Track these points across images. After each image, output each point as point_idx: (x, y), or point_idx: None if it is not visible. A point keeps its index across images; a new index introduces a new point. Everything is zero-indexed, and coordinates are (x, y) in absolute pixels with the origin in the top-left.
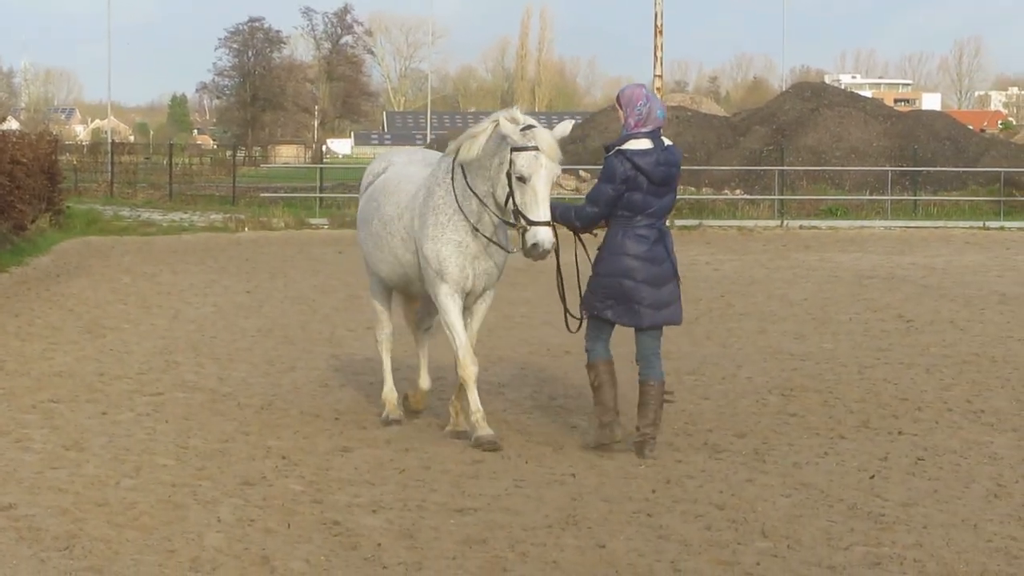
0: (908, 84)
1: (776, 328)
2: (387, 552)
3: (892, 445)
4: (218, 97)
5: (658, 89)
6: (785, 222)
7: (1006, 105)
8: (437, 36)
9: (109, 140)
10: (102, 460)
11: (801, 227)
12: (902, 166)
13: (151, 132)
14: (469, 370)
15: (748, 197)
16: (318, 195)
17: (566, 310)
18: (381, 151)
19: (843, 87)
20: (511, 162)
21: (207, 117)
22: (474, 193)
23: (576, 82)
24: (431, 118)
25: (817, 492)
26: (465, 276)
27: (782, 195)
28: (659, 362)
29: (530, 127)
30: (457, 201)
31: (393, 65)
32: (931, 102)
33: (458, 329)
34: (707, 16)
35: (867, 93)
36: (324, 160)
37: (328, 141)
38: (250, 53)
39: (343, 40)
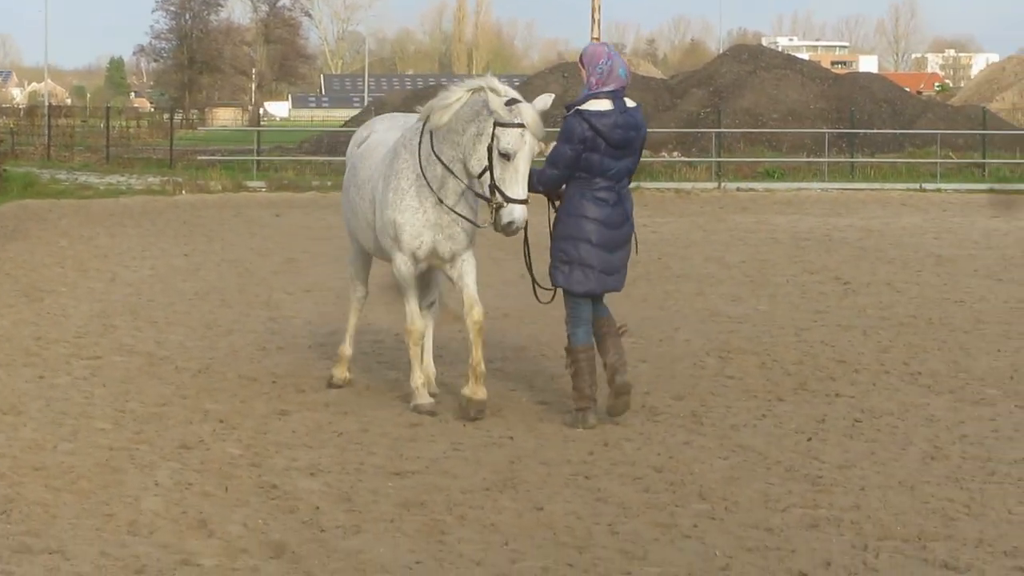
0: (845, 47)
1: (713, 290)
2: (325, 515)
3: (829, 407)
4: (155, 60)
5: None
6: (722, 184)
7: (942, 68)
8: None
9: (46, 103)
10: (39, 424)
11: (738, 189)
12: (839, 128)
13: (88, 95)
14: (415, 333)
15: (685, 159)
16: (255, 158)
17: (534, 281)
18: (318, 114)
19: (780, 50)
20: (495, 137)
21: (144, 80)
22: (439, 159)
23: (514, 45)
24: (368, 81)
25: (754, 454)
26: (419, 243)
27: (719, 157)
28: (603, 305)
29: (515, 101)
30: (421, 166)
31: (330, 28)
32: (868, 64)
33: (409, 293)
34: None
35: (804, 56)
36: (261, 123)
37: (265, 104)
38: (187, 16)
39: (280, 2)
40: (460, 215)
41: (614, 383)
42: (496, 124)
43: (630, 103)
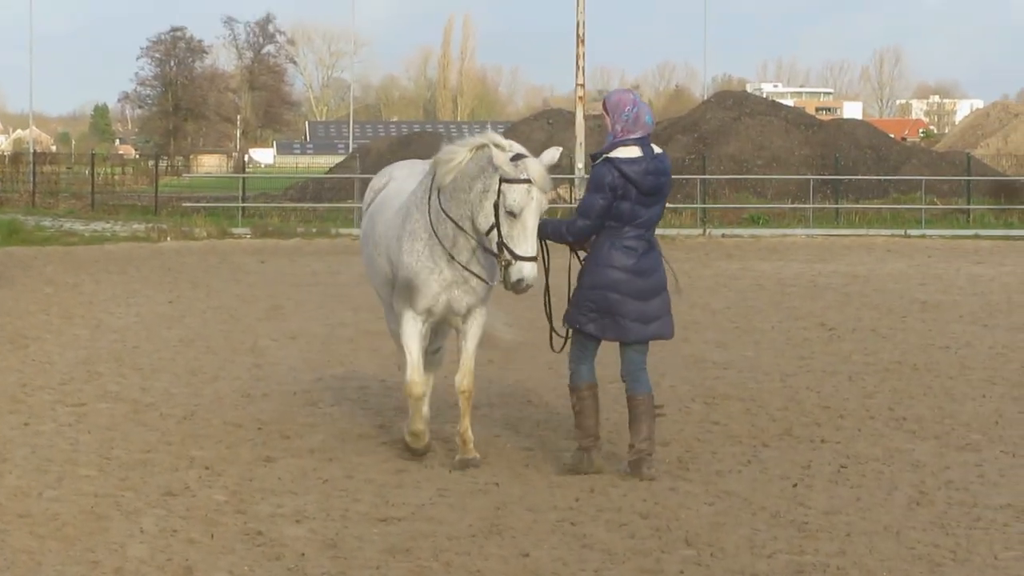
0: (829, 93)
1: (699, 336)
2: (310, 562)
3: (815, 453)
4: (140, 106)
5: (580, 98)
6: (707, 230)
7: (927, 114)
8: (359, 45)
9: (31, 150)
10: (24, 471)
11: (723, 236)
12: (824, 174)
13: (73, 142)
14: (416, 388)
15: (671, 206)
16: (240, 204)
17: (552, 328)
18: (303, 160)
19: (765, 96)
20: (501, 194)
21: (129, 127)
22: (448, 217)
23: (499, 91)
24: (354, 127)
25: (740, 500)
26: (437, 302)
27: (704, 203)
28: (646, 376)
29: (520, 156)
30: (432, 225)
31: (315, 74)
32: (852, 111)
33: (412, 350)
34: (629, 25)
35: (789, 102)
36: (246, 170)
37: (250, 151)
38: (172, 62)
39: (265, 49)
40: (473, 274)
41: (639, 471)
42: (502, 180)
43: (657, 149)
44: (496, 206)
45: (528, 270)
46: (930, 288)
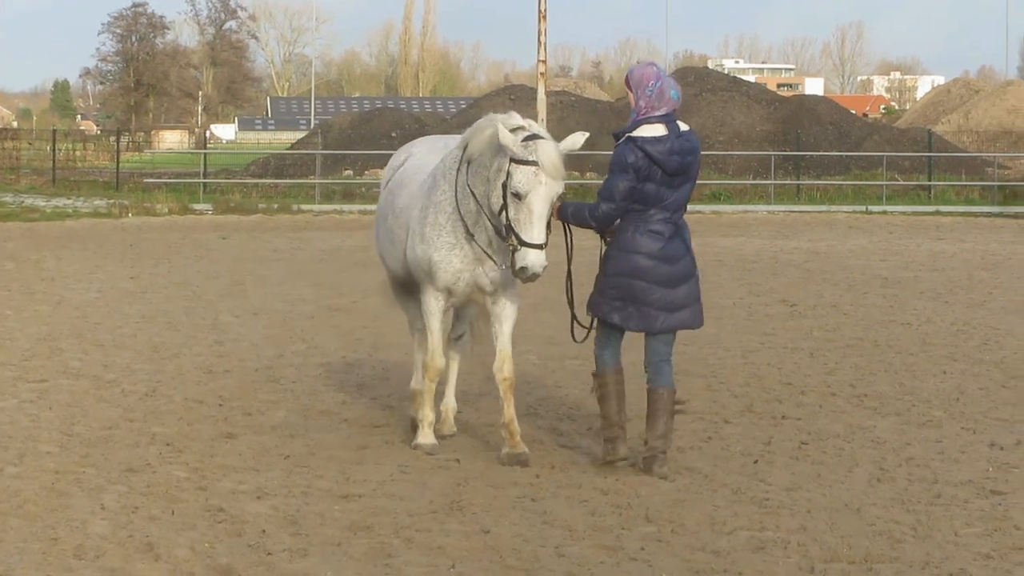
0: (791, 69)
1: None
2: (272, 538)
3: (776, 430)
4: (101, 83)
5: (542, 74)
6: None
7: (888, 90)
8: (321, 21)
9: None
10: None
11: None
12: (785, 150)
13: (34, 118)
14: (434, 362)
15: None
16: (202, 180)
17: (574, 316)
18: (265, 136)
19: (726, 72)
20: (508, 174)
21: (91, 103)
22: (472, 193)
23: (460, 67)
24: (315, 103)
25: (701, 477)
26: (458, 279)
27: None
28: (670, 369)
29: (533, 137)
30: (457, 199)
31: (277, 50)
32: (814, 87)
33: (433, 326)
34: (591, 1)
35: (750, 78)
36: (208, 145)
37: (212, 126)
38: (133, 38)
39: (227, 25)
40: (488, 256)
41: (651, 470)
42: (511, 160)
43: (683, 126)
44: (504, 186)
45: (533, 258)
46: (891, 264)
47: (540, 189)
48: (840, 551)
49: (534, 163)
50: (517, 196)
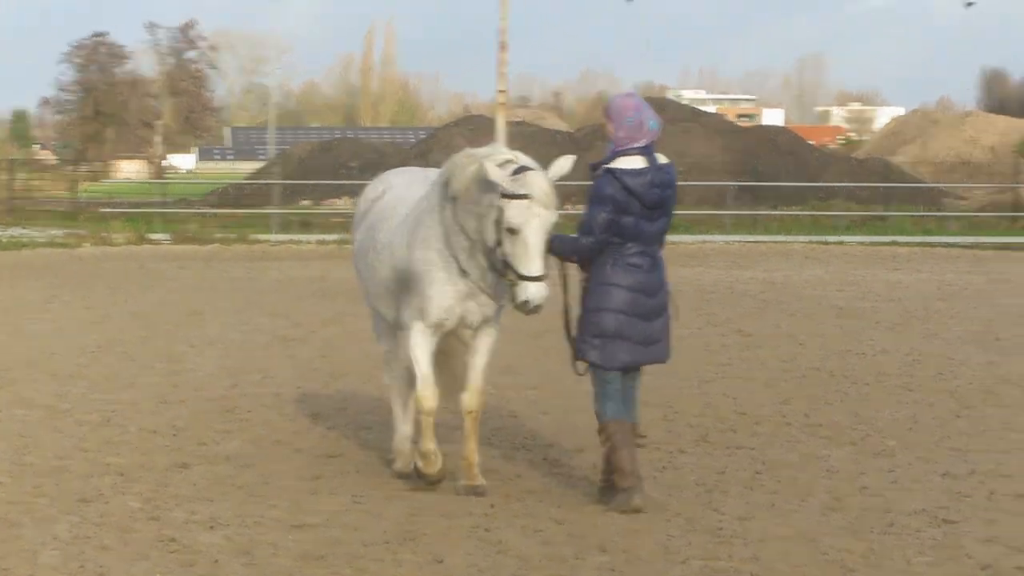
0: (751, 100)
1: None
2: (224, 569)
3: (730, 459)
4: (60, 112)
5: (501, 104)
6: None
7: (847, 120)
8: (281, 52)
9: None
10: None
11: None
12: (743, 181)
13: None
14: (427, 402)
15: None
16: (160, 210)
17: (573, 350)
18: (224, 166)
19: (686, 103)
20: (500, 210)
21: (48, 132)
22: (462, 229)
23: (420, 97)
24: (274, 133)
25: (655, 506)
26: (451, 315)
27: None
28: (636, 405)
29: (522, 169)
30: (445, 235)
31: (237, 80)
32: (773, 117)
33: (422, 361)
34: (552, 32)
35: (710, 109)
36: (166, 175)
37: (170, 156)
38: (93, 67)
39: (187, 55)
40: (483, 290)
41: (615, 501)
42: (501, 196)
43: (662, 159)
44: (498, 223)
45: (534, 291)
46: (847, 294)
47: (535, 222)
48: None
49: (526, 196)
50: (512, 231)
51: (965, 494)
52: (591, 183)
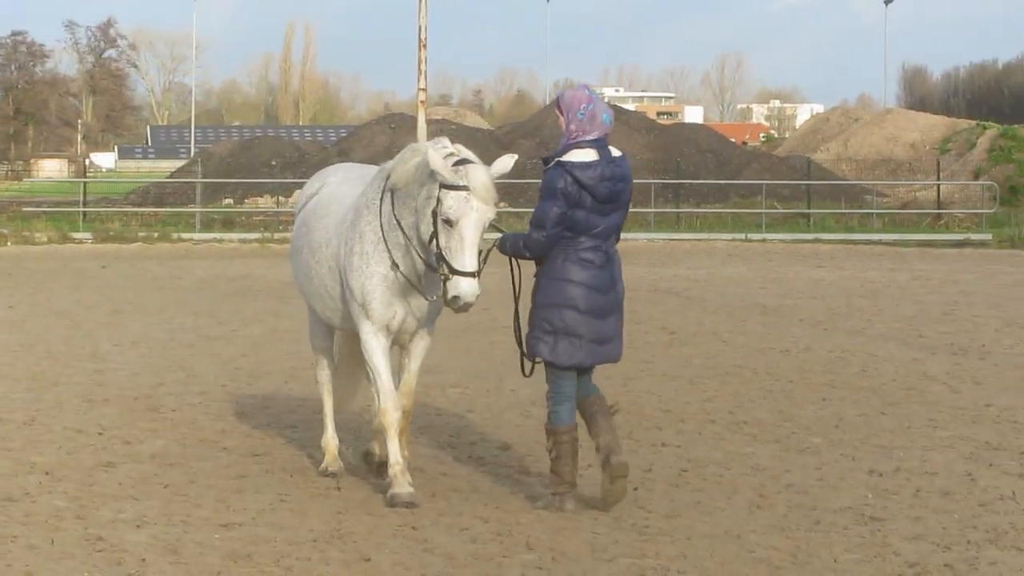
0: (671, 97)
1: None
2: (151, 568)
3: (656, 457)
4: None
5: (422, 102)
6: None
7: (768, 118)
8: (201, 50)
9: None
10: None
11: None
12: (665, 179)
13: None
14: (390, 416)
15: (513, 210)
16: (81, 209)
17: (522, 352)
18: (145, 165)
19: (606, 100)
20: (438, 200)
21: None
22: (398, 223)
23: (340, 96)
24: (195, 132)
25: (581, 504)
26: (392, 313)
27: None
28: (592, 384)
29: (464, 161)
30: (382, 229)
31: (157, 79)
32: (694, 115)
33: (381, 370)
34: (471, 30)
35: (630, 106)
36: (87, 174)
37: (92, 155)
38: (13, 67)
39: (107, 54)
40: (415, 287)
41: (610, 464)
42: (441, 186)
43: (615, 152)
44: (435, 214)
45: (465, 287)
46: (771, 292)
47: (472, 215)
48: None
49: (465, 188)
50: (448, 223)
51: (891, 491)
52: (542, 177)
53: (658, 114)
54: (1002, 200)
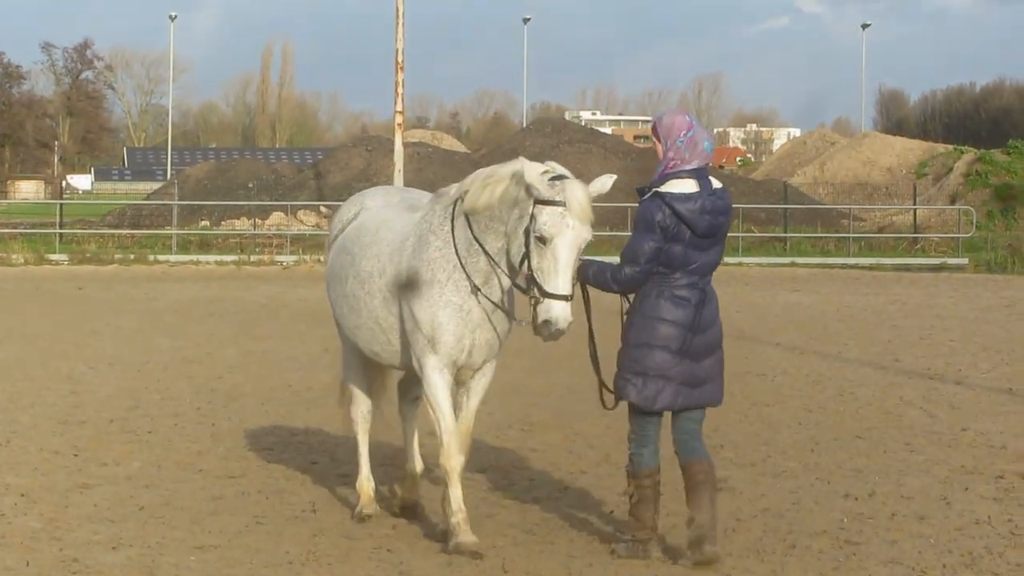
0: (648, 121)
1: (518, 363)
2: None
3: None
4: None
5: (399, 125)
6: None
7: (744, 142)
8: (179, 71)
9: None
10: None
11: None
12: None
13: None
14: (454, 460)
15: None
16: (58, 231)
17: (601, 383)
18: (121, 186)
19: (584, 124)
20: (532, 217)
21: None
22: (483, 249)
23: (318, 117)
24: (172, 154)
25: (557, 527)
26: (462, 348)
27: None
28: (703, 445)
29: (561, 177)
30: (458, 255)
31: (134, 100)
32: None
33: (444, 409)
34: (448, 53)
35: (607, 130)
36: (64, 196)
37: (68, 177)
38: None
39: (83, 75)
40: (501, 309)
41: (701, 552)
42: (535, 201)
43: (716, 183)
44: (527, 232)
45: (558, 311)
46: (747, 316)
47: (567, 233)
48: None
49: (561, 203)
50: (541, 240)
51: (867, 515)
52: (637, 207)
53: (635, 137)
54: (979, 225)
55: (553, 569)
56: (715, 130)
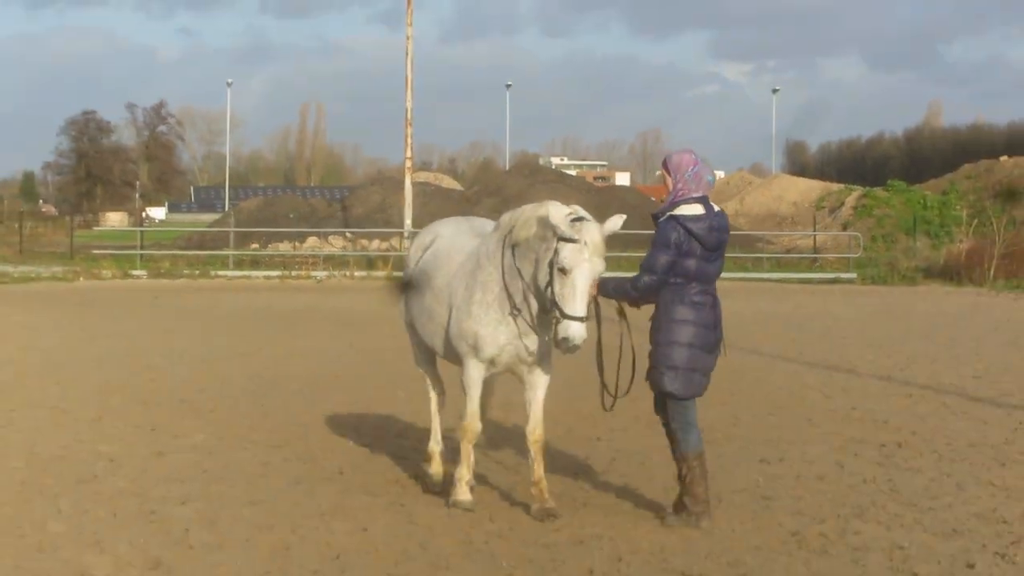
0: (604, 165)
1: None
2: (194, 535)
3: (591, 449)
4: (59, 174)
5: (408, 168)
6: None
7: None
8: (234, 125)
9: None
10: None
11: None
12: None
13: (4, 202)
14: (470, 431)
15: None
16: (139, 252)
17: (603, 385)
18: (189, 217)
19: (554, 167)
20: (555, 252)
21: (50, 190)
22: (520, 274)
23: (344, 162)
24: (229, 191)
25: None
26: (500, 353)
27: None
28: (698, 432)
29: (581, 219)
30: (504, 279)
31: (199, 148)
32: (622, 179)
33: (473, 394)
34: (448, 111)
35: (572, 172)
36: (143, 224)
37: (147, 209)
38: (85, 138)
39: (159, 128)
40: (533, 328)
41: (697, 525)
42: (558, 239)
43: (716, 207)
44: (551, 264)
45: (575, 330)
46: None
47: (584, 265)
48: (641, 545)
49: (580, 241)
50: (563, 271)
51: (777, 476)
52: (655, 229)
53: (594, 178)
54: (865, 247)
55: (530, 520)
56: (657, 172)
